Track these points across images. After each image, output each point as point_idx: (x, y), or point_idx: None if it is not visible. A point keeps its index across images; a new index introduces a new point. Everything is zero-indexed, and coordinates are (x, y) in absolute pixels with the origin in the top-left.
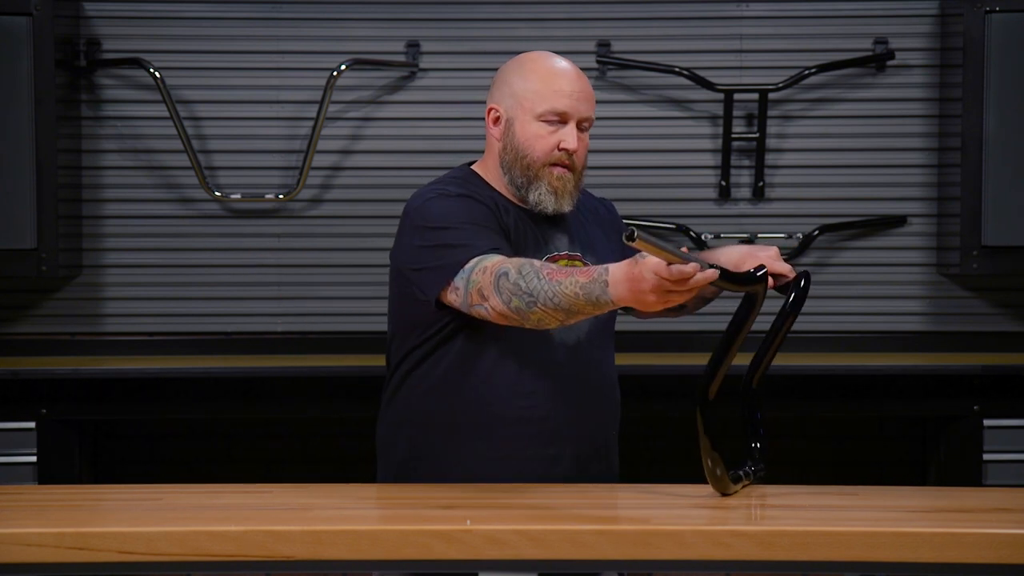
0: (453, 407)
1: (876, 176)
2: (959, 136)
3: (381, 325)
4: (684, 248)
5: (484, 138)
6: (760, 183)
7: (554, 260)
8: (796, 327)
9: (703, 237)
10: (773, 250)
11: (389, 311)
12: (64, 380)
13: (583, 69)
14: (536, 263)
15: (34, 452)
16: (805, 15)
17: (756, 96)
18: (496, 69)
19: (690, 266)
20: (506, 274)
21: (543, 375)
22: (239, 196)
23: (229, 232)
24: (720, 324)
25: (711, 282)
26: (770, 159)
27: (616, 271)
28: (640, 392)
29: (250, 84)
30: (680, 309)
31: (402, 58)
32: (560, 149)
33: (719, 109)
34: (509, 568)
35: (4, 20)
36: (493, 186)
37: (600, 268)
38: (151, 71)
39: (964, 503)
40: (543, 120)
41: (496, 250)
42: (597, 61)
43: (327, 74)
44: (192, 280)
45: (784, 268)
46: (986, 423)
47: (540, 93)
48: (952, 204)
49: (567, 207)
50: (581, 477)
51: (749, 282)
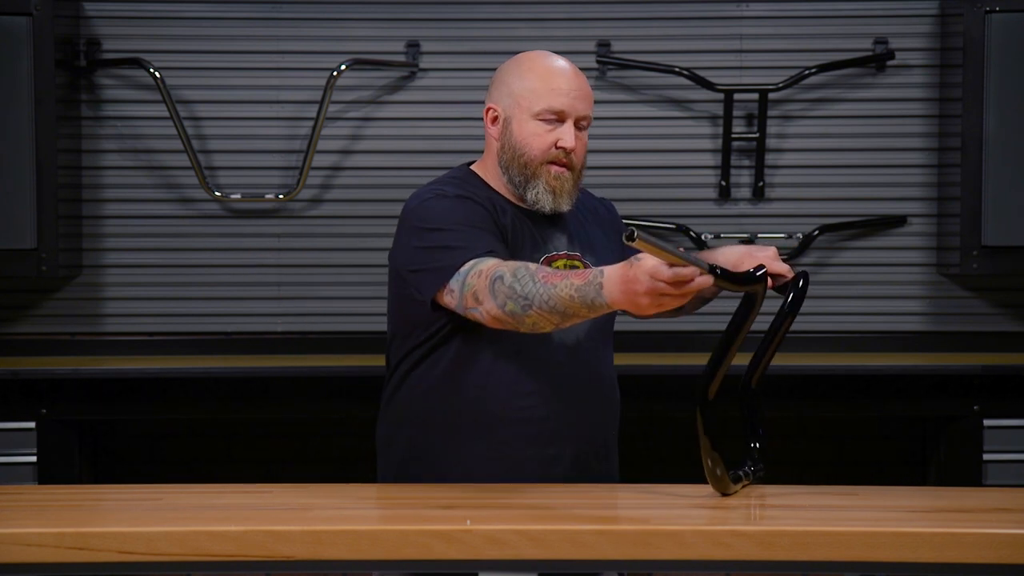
0: (453, 407)
1: (876, 176)
2: (959, 136)
3: (381, 325)
4: (680, 248)
5: (484, 138)
6: (760, 183)
7: (553, 260)
8: (796, 327)
9: (703, 237)
10: (771, 250)
11: (388, 311)
12: (64, 380)
13: (583, 69)
14: (531, 266)
15: (34, 452)
16: (805, 15)
17: (756, 96)
18: (496, 69)
19: (688, 270)
20: (501, 278)
21: (542, 375)
22: (239, 196)
23: (229, 232)
24: (719, 324)
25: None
26: (770, 159)
27: (611, 273)
28: (640, 392)
29: (250, 84)
30: (679, 310)
31: (402, 58)
32: (558, 147)
33: (719, 109)
34: (509, 568)
35: (4, 20)
36: (492, 186)
37: (595, 270)
38: (151, 71)
39: (964, 503)
40: (540, 119)
41: (492, 253)
42: (597, 61)
43: (327, 74)
44: (192, 280)
45: (783, 268)
46: (986, 423)
47: (537, 92)
48: (952, 204)
49: (565, 206)
50: (581, 477)
51: (748, 282)
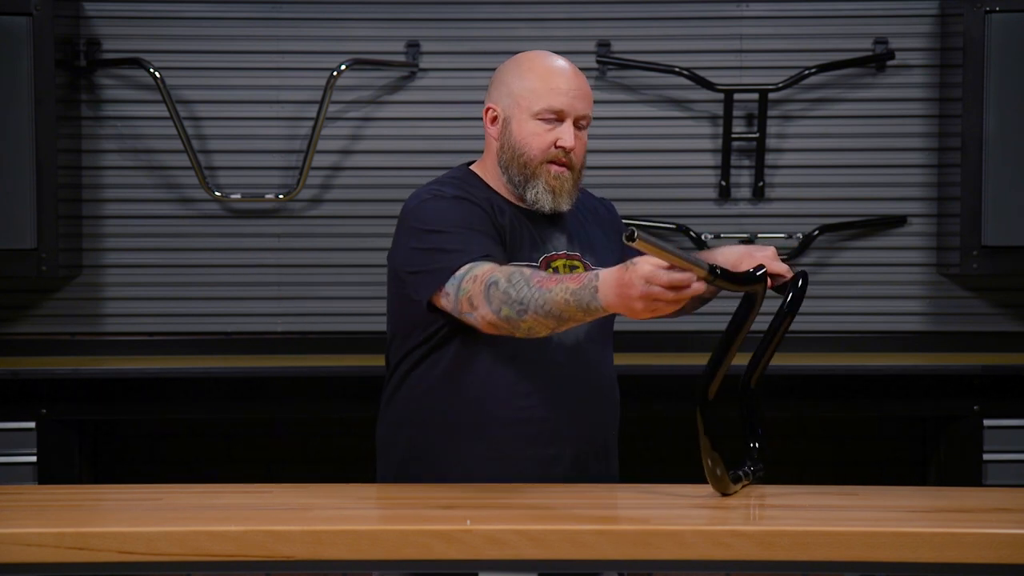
0: (452, 407)
1: (876, 176)
2: (959, 136)
3: (381, 325)
4: (679, 249)
5: (484, 138)
6: (760, 183)
7: (552, 260)
8: (796, 327)
9: (703, 237)
10: (770, 250)
11: (388, 311)
12: (64, 380)
13: (583, 69)
14: (526, 271)
15: (34, 452)
16: (805, 15)
17: (756, 96)
18: (496, 69)
19: (683, 275)
20: (496, 283)
21: (542, 375)
22: (239, 196)
23: (229, 232)
24: (719, 324)
25: (711, 282)
26: (770, 159)
27: (606, 277)
28: (639, 392)
29: (250, 84)
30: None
31: (402, 58)
32: (557, 147)
33: (719, 109)
34: (509, 568)
35: (4, 20)
36: (491, 186)
37: (590, 274)
38: (151, 71)
39: (964, 503)
40: (540, 118)
41: (487, 257)
42: (597, 61)
43: (327, 74)
44: (192, 280)
45: (782, 268)
46: (986, 423)
47: (537, 91)
48: (952, 204)
49: (565, 206)
50: (581, 477)
51: (749, 282)
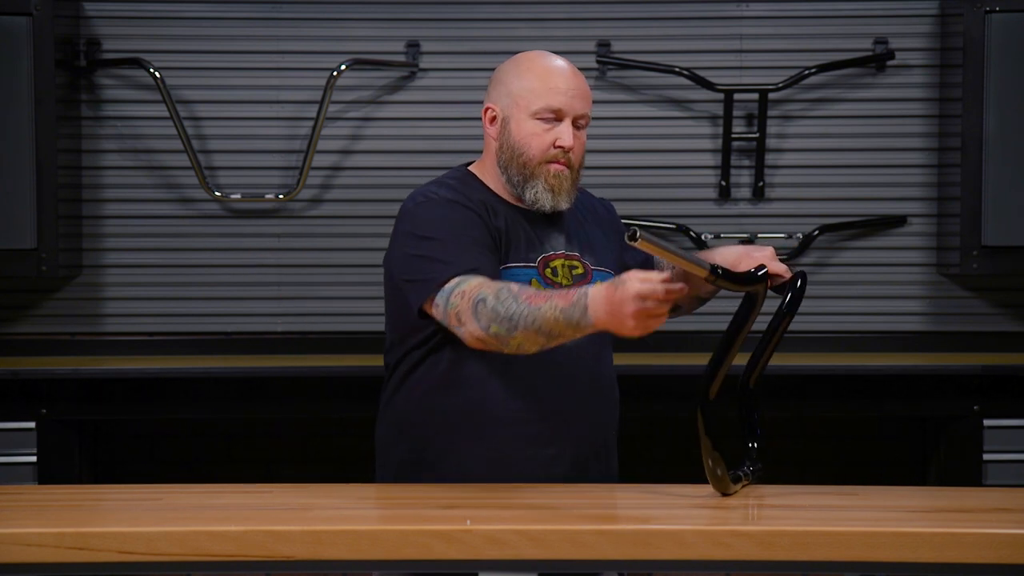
0: (452, 408)
1: (876, 176)
2: (959, 136)
3: (381, 325)
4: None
5: (483, 138)
6: (760, 183)
7: (551, 259)
8: (796, 327)
9: (703, 237)
10: (769, 250)
11: (386, 312)
12: (64, 380)
13: (583, 69)
14: (513, 287)
15: (34, 452)
16: (805, 15)
17: (756, 96)
18: (495, 69)
19: (677, 284)
20: (484, 300)
21: (542, 376)
22: (239, 196)
23: (229, 232)
24: (718, 324)
25: (712, 282)
26: (770, 159)
27: (596, 294)
28: (639, 392)
29: (250, 84)
30: (676, 309)
31: (402, 58)
32: (556, 147)
33: (719, 109)
34: (509, 568)
35: (4, 20)
36: (489, 186)
37: (579, 291)
38: (151, 71)
39: (964, 503)
40: (538, 118)
41: (476, 270)
42: (597, 61)
43: (327, 74)
44: (192, 280)
45: (781, 268)
46: (986, 423)
47: (535, 91)
48: (952, 204)
49: (564, 205)
50: (581, 477)
51: (751, 282)
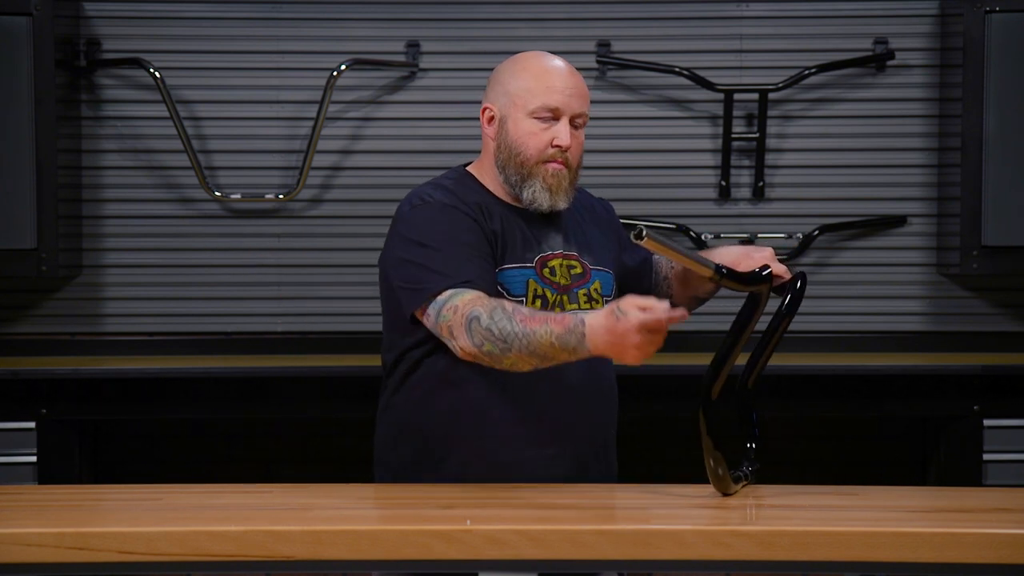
0: (451, 409)
1: (876, 176)
2: (959, 136)
3: (380, 325)
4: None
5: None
6: (760, 183)
7: (548, 259)
8: (796, 327)
9: (703, 237)
10: (768, 251)
11: (383, 311)
12: (64, 380)
13: (583, 69)
14: (508, 306)
15: (34, 452)
16: (805, 15)
17: (756, 96)
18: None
19: (677, 312)
20: (478, 318)
21: (541, 375)
22: (239, 196)
23: (229, 232)
24: (718, 324)
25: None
26: (770, 159)
27: (594, 323)
28: (639, 392)
29: (250, 84)
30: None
31: (402, 58)
32: (553, 146)
33: (719, 109)
34: (509, 568)
35: (4, 20)
36: (487, 187)
37: (576, 318)
38: (151, 71)
39: (964, 503)
40: (536, 117)
41: (469, 283)
42: (597, 61)
43: (327, 74)
44: (192, 280)
45: (780, 269)
46: (986, 423)
47: (532, 90)
48: (952, 204)
49: (562, 204)
50: (581, 477)
51: (755, 282)
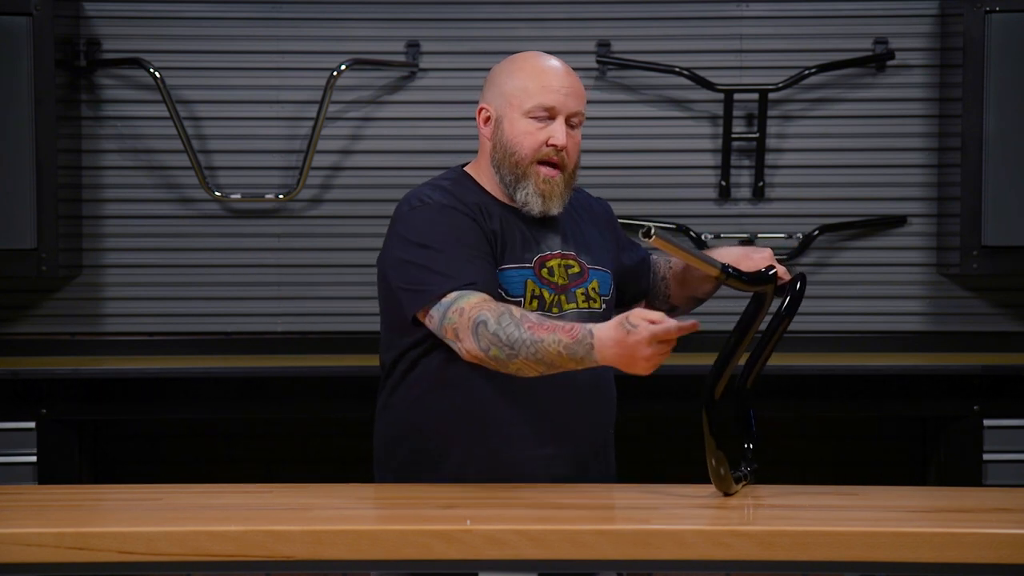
0: (451, 408)
1: (876, 176)
2: (959, 136)
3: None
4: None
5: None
6: (760, 183)
7: (546, 260)
8: (796, 327)
9: (703, 237)
10: (767, 252)
11: (381, 311)
12: (64, 380)
13: (583, 69)
14: (515, 311)
15: (34, 452)
16: (805, 15)
17: (756, 96)
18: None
19: (689, 323)
20: (485, 323)
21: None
22: (239, 196)
23: (229, 232)
24: (718, 324)
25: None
26: (770, 159)
27: (603, 336)
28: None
29: (250, 84)
30: (672, 310)
31: (402, 58)
32: (549, 145)
33: (719, 109)
34: (509, 568)
35: (4, 20)
36: (485, 187)
37: (584, 330)
38: (151, 71)
39: (964, 503)
40: (531, 116)
41: (473, 285)
42: (597, 61)
43: (327, 74)
44: (192, 280)
45: (780, 270)
46: (986, 423)
47: (528, 90)
48: (952, 204)
49: (555, 210)
50: (581, 477)
51: (760, 282)
